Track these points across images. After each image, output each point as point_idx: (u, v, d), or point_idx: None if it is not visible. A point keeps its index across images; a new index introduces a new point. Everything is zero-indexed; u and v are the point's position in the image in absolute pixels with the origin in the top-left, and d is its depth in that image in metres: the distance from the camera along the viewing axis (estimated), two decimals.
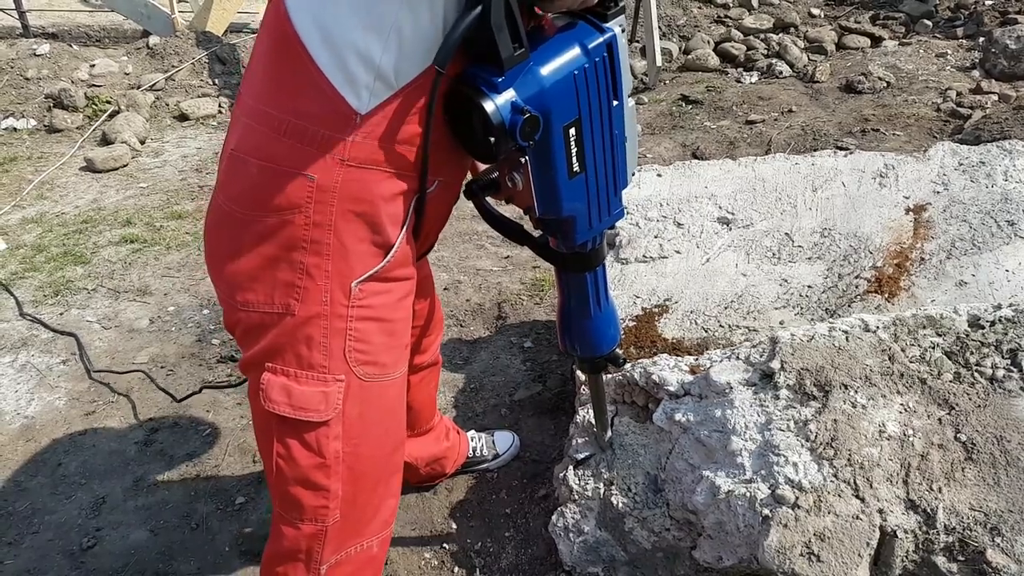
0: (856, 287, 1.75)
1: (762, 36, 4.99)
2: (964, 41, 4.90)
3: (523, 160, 0.97)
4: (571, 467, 1.62)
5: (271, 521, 1.21)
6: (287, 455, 1.08)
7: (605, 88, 0.96)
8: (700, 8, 5.33)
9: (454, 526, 1.84)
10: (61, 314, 2.71)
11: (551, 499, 1.81)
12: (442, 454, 1.81)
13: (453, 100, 0.94)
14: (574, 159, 0.97)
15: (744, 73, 4.63)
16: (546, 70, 0.91)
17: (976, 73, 4.46)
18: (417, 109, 0.94)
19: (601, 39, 0.94)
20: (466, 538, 1.80)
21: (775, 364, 1.38)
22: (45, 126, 4.27)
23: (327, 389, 1.04)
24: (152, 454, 2.11)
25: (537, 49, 0.92)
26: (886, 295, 1.73)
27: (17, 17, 5.05)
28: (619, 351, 1.32)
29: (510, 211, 1.14)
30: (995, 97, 4.09)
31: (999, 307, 1.40)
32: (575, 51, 0.93)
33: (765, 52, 4.82)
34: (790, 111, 4.09)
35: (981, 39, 4.77)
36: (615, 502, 1.52)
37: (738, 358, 1.45)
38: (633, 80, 4.59)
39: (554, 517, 1.61)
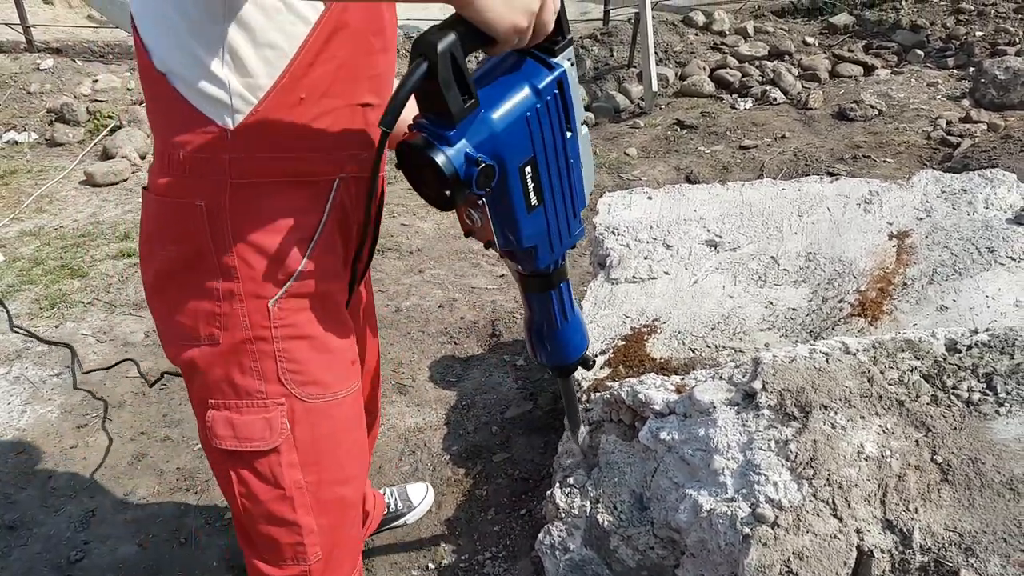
0: (840, 310, 1.78)
1: (757, 63, 5.08)
2: (955, 71, 4.99)
3: (481, 202, 0.96)
4: (558, 485, 1.63)
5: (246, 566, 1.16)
6: (247, 492, 1.05)
7: (559, 123, 0.95)
8: (697, 35, 5.42)
9: (442, 543, 1.85)
10: (56, 327, 2.73)
11: (539, 517, 1.82)
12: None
13: (404, 151, 0.90)
14: (532, 194, 0.97)
15: (738, 99, 4.70)
16: (498, 116, 0.89)
17: (966, 102, 4.53)
18: (289, 110, 0.93)
19: (550, 77, 0.91)
20: (454, 555, 1.81)
21: (757, 384, 1.40)
22: (46, 140, 4.32)
23: (268, 415, 1.02)
24: (143, 468, 2.13)
25: (486, 94, 0.89)
26: (869, 319, 1.76)
27: (22, 32, 5.12)
28: (588, 354, 1.32)
29: None
30: (984, 126, 4.16)
31: (976, 332, 1.43)
32: (525, 93, 0.90)
33: (760, 79, 4.90)
34: (783, 137, 4.16)
35: (971, 69, 4.85)
36: (601, 520, 1.54)
37: (721, 378, 1.48)
38: (629, 104, 4.65)
39: (541, 535, 1.62)
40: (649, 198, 2.13)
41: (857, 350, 1.43)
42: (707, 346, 1.80)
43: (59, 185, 3.87)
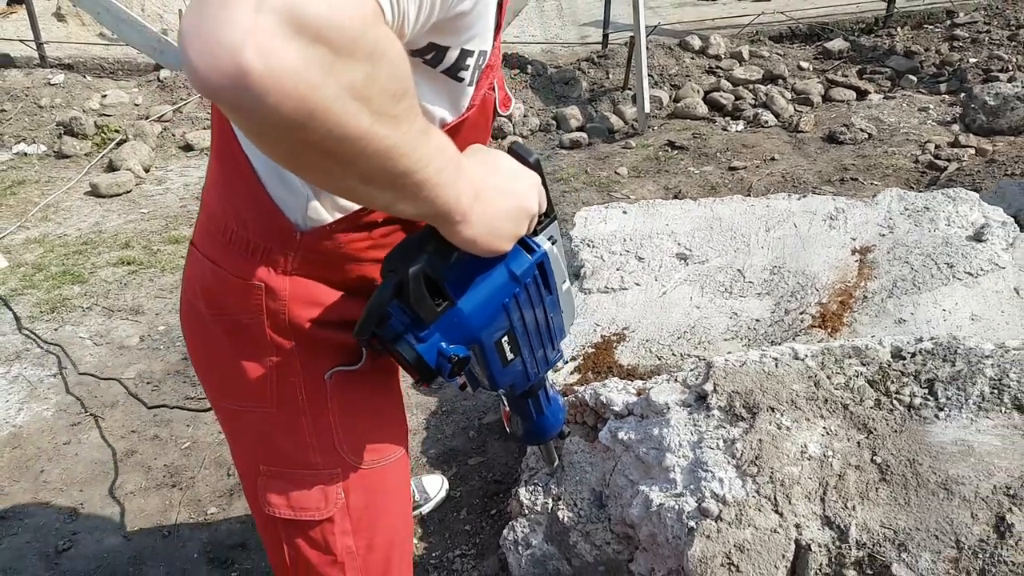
0: (801, 322, 1.85)
1: (751, 87, 5.17)
2: (947, 96, 5.07)
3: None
4: (524, 483, 1.70)
5: None
6: (298, 557, 1.04)
7: (539, 297, 0.93)
8: (693, 59, 5.52)
9: (415, 540, 1.91)
10: (56, 330, 2.82)
11: (508, 516, 1.88)
12: None
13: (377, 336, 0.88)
14: (507, 353, 0.95)
15: (731, 121, 4.79)
16: (473, 310, 0.86)
17: (956, 127, 4.61)
18: (367, 229, 0.91)
19: (530, 262, 0.89)
20: (425, 552, 1.87)
21: (708, 386, 1.47)
22: (55, 152, 4.44)
23: (324, 485, 1.00)
24: (132, 464, 2.20)
25: (461, 289, 0.86)
26: (829, 330, 1.82)
27: (35, 48, 5.28)
28: (565, 428, 1.33)
29: None
30: (972, 151, 4.23)
31: (921, 340, 1.49)
32: (503, 280, 0.87)
33: (752, 102, 4.99)
34: (772, 159, 4.24)
35: (962, 95, 4.93)
36: (561, 516, 1.60)
37: (676, 380, 1.54)
38: (623, 125, 4.75)
39: (505, 531, 1.68)
40: (624, 212, 2.21)
41: (806, 356, 1.50)
42: (673, 354, 1.87)
43: (65, 195, 3.98)
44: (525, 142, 4.64)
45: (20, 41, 5.39)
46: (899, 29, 6.10)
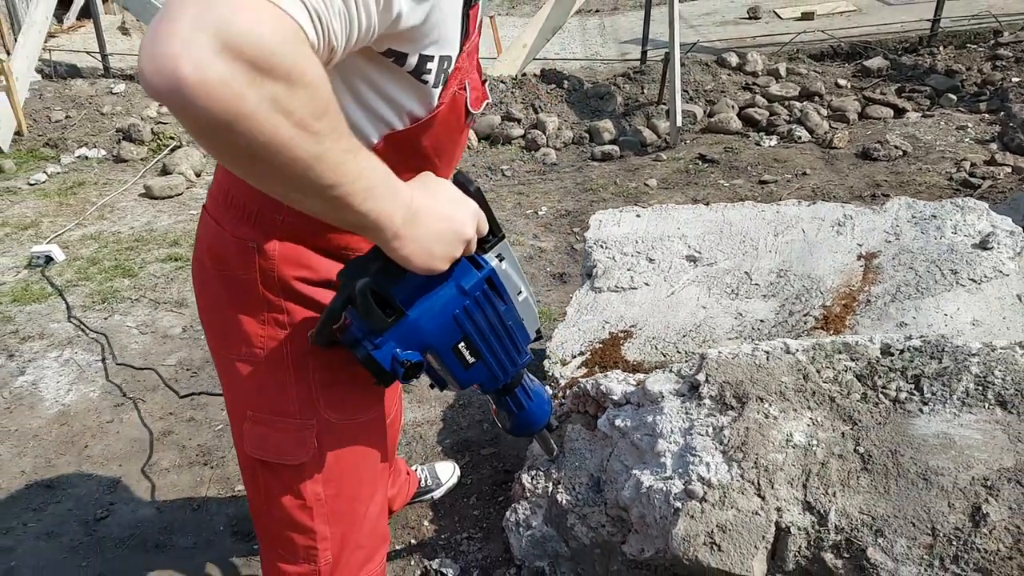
0: (805, 323, 1.90)
1: (786, 103, 5.19)
2: (986, 115, 5.01)
3: None
4: (527, 468, 1.78)
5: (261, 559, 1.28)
6: (271, 497, 1.14)
7: (491, 308, 1.00)
8: (729, 75, 5.57)
9: (426, 523, 2.01)
10: (106, 319, 3.01)
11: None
12: (392, 495, 1.91)
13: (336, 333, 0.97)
14: (468, 357, 1.03)
15: (764, 137, 4.81)
16: (424, 320, 0.95)
17: (994, 146, 4.56)
18: None
19: (478, 278, 0.97)
20: (435, 534, 1.97)
21: (701, 377, 1.54)
22: (113, 156, 4.71)
23: (300, 434, 1.09)
24: (168, 443, 2.35)
25: (412, 301, 0.94)
26: (831, 332, 1.87)
27: (100, 59, 5.60)
28: (553, 420, 1.43)
29: None
30: (1008, 169, 4.18)
31: (910, 338, 1.54)
32: (452, 294, 0.96)
33: (787, 118, 5.01)
34: (804, 174, 4.25)
35: (1002, 113, 4.88)
36: (560, 499, 1.68)
37: (671, 371, 1.61)
38: (656, 139, 4.81)
39: (508, 513, 1.77)
40: (637, 216, 2.28)
41: (796, 350, 1.55)
42: (677, 352, 1.94)
43: (120, 196, 4.22)
44: (558, 154, 4.74)
45: (87, 53, 5.73)
46: (942, 48, 6.04)
